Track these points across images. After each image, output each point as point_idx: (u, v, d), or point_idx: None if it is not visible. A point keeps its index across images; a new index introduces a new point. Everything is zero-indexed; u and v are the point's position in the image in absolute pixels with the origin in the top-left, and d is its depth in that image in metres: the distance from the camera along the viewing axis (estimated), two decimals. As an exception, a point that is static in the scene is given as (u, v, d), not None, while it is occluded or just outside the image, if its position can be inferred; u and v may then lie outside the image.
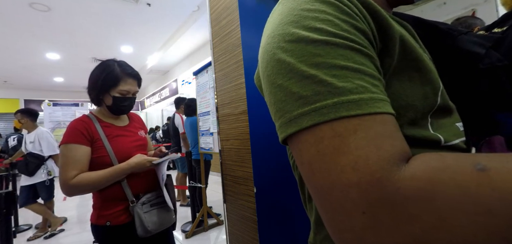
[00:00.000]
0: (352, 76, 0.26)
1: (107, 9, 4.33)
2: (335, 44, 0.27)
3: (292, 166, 0.47)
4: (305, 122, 0.26)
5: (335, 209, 0.25)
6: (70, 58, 6.65)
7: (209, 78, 2.45)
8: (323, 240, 0.40)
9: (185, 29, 5.37)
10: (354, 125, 0.25)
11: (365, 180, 0.23)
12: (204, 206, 2.91)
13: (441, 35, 0.44)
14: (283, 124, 0.29)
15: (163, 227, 1.12)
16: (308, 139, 0.27)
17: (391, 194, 0.22)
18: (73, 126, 1.03)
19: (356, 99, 0.25)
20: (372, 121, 0.25)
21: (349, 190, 0.24)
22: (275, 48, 0.30)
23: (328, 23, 0.28)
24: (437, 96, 0.35)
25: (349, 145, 0.24)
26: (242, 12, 1.29)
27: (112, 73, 1.08)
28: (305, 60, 0.28)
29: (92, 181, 0.99)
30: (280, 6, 0.34)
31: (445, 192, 0.20)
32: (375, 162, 0.23)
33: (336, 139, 0.25)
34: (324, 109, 0.26)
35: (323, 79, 0.26)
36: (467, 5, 2.44)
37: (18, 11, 4.14)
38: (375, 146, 0.24)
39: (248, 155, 1.31)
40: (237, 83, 1.36)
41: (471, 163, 0.21)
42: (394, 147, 0.24)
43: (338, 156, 0.24)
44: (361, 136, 0.24)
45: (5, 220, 2.06)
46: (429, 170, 0.22)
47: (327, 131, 0.25)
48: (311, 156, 0.26)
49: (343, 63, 0.27)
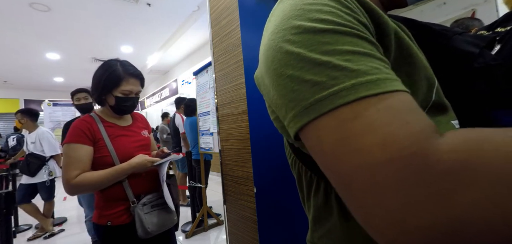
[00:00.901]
0: (365, 60, 0.26)
1: (107, 9, 4.33)
2: (342, 32, 0.28)
3: (291, 165, 0.47)
4: (324, 107, 0.25)
5: (366, 192, 0.23)
6: (70, 58, 6.65)
7: (209, 78, 2.45)
8: (321, 237, 0.41)
9: (185, 29, 5.37)
10: (376, 103, 0.24)
11: (397, 156, 0.22)
12: (204, 206, 2.91)
13: (435, 36, 0.44)
14: (298, 113, 0.28)
15: (164, 228, 1.12)
16: (328, 124, 0.25)
17: (428, 168, 0.21)
18: (76, 126, 1.04)
19: (374, 79, 0.25)
20: (393, 98, 0.24)
21: (381, 169, 0.22)
22: (281, 41, 0.30)
23: (333, 14, 0.29)
24: (432, 92, 0.36)
25: (374, 124, 0.23)
26: (242, 12, 1.29)
27: (114, 73, 1.08)
28: (315, 49, 0.27)
29: (93, 181, 0.99)
30: (280, 4, 0.35)
31: (490, 164, 0.19)
32: (406, 137, 0.22)
33: (359, 120, 0.24)
34: (343, 91, 0.25)
35: (337, 64, 0.26)
36: (467, 5, 2.44)
37: (18, 11, 4.14)
38: (402, 122, 0.23)
39: (248, 155, 1.31)
40: (237, 83, 1.36)
41: (502, 135, 0.20)
42: (422, 121, 0.23)
43: (364, 136, 0.23)
44: (385, 114, 0.23)
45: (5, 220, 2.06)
46: (468, 142, 0.21)
47: (349, 113, 0.24)
48: (334, 141, 0.25)
49: (354, 48, 0.27)
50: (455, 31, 0.43)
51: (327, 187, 0.38)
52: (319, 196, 0.40)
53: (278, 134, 0.42)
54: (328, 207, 0.39)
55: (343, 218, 0.37)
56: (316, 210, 0.41)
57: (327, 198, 0.39)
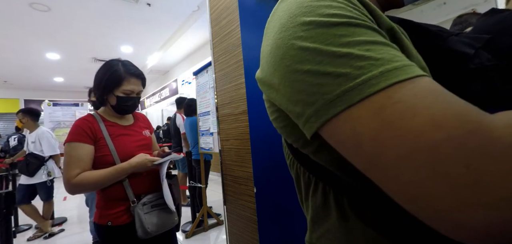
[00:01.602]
0: (386, 48, 0.26)
1: (107, 9, 4.33)
2: (356, 24, 0.27)
3: (289, 165, 0.47)
4: (354, 97, 0.24)
5: (423, 176, 0.21)
6: (70, 58, 6.65)
7: (209, 78, 2.45)
8: (319, 238, 0.41)
9: (185, 29, 5.37)
10: (410, 88, 0.23)
11: (455, 134, 0.20)
12: (204, 206, 2.91)
13: (431, 37, 0.44)
14: (321, 107, 0.26)
15: (164, 228, 1.12)
16: (363, 114, 0.24)
17: (493, 143, 0.20)
18: (77, 125, 1.05)
19: (400, 65, 0.24)
20: (424, 82, 0.24)
21: (439, 149, 0.20)
22: (293, 39, 0.29)
23: (343, 9, 0.28)
24: None
25: (416, 107, 0.22)
26: (242, 12, 1.29)
27: (115, 73, 1.08)
28: (332, 42, 0.26)
29: (94, 180, 1.00)
30: (283, 4, 0.34)
31: None
32: (456, 115, 0.21)
33: (399, 104, 0.23)
34: (372, 80, 0.24)
35: (360, 54, 0.25)
36: (467, 5, 2.44)
37: (18, 11, 4.14)
38: (445, 102, 0.22)
39: (248, 155, 1.31)
40: (237, 83, 1.36)
41: None
42: (463, 102, 0.23)
43: (410, 119, 0.22)
44: (423, 96, 0.22)
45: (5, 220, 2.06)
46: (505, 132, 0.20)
47: (385, 100, 0.23)
48: (373, 130, 0.23)
49: (371, 38, 0.26)
50: (450, 32, 0.44)
51: (326, 187, 0.38)
52: (317, 197, 0.40)
53: (278, 134, 0.42)
54: (326, 208, 0.39)
55: (341, 219, 0.36)
56: (314, 210, 0.41)
57: (326, 199, 0.39)
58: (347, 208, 0.36)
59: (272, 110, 0.40)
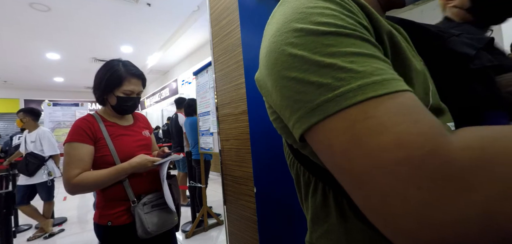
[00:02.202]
0: (369, 61, 0.26)
1: (107, 9, 4.33)
2: (345, 34, 0.28)
3: (289, 165, 0.47)
4: (331, 108, 0.25)
5: (383, 193, 0.22)
6: (70, 58, 6.65)
7: (209, 78, 2.45)
8: (319, 238, 0.41)
9: (185, 29, 5.37)
10: (384, 103, 0.24)
11: (415, 154, 0.21)
12: (204, 206, 2.91)
13: (432, 37, 0.44)
14: (304, 114, 0.28)
15: (164, 228, 1.12)
16: (337, 126, 0.25)
17: (447, 164, 0.21)
18: (77, 125, 1.04)
19: (380, 80, 0.25)
20: (400, 97, 0.24)
21: (398, 168, 0.22)
22: (284, 44, 0.30)
23: (335, 18, 0.29)
24: (429, 96, 0.36)
25: (385, 124, 0.23)
26: (242, 12, 1.29)
27: (116, 73, 1.08)
28: (319, 51, 0.27)
29: (94, 180, 1.00)
30: (281, 7, 0.34)
31: (505, 159, 0.20)
32: (419, 135, 0.22)
33: (369, 120, 0.24)
34: (350, 93, 0.25)
35: (342, 65, 0.26)
36: (467, 5, 2.43)
37: (18, 11, 4.14)
38: (412, 120, 0.23)
39: (248, 155, 1.31)
40: (237, 83, 1.36)
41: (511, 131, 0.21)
42: (431, 119, 0.24)
43: (377, 136, 0.23)
44: (394, 113, 0.23)
45: (5, 220, 2.06)
46: (480, 139, 0.22)
47: (358, 114, 0.24)
48: (344, 142, 0.25)
49: (357, 50, 0.27)
50: (451, 32, 0.44)
51: (325, 187, 0.38)
52: (317, 197, 0.40)
53: (278, 134, 0.42)
54: (326, 208, 0.39)
55: (341, 218, 0.37)
56: (314, 210, 0.41)
57: (325, 199, 0.39)
58: (347, 209, 0.36)
59: (271, 111, 0.40)
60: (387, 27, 0.33)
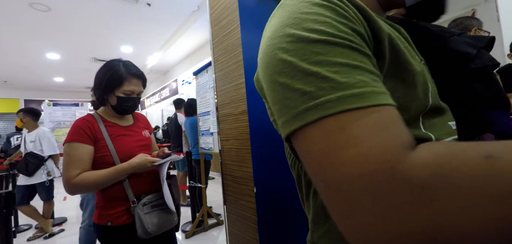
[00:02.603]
0: (353, 72, 0.27)
1: (107, 9, 4.33)
2: (334, 43, 0.28)
3: (290, 165, 0.47)
4: (311, 116, 0.27)
5: (346, 202, 0.24)
6: (70, 58, 6.65)
7: (209, 78, 2.45)
8: (320, 237, 0.41)
9: (185, 29, 5.37)
10: (359, 117, 0.25)
11: (375, 169, 0.23)
12: (204, 206, 2.91)
13: (433, 37, 0.45)
14: (288, 120, 0.29)
15: (164, 229, 1.12)
16: (314, 134, 0.27)
17: (403, 181, 0.22)
18: (76, 125, 1.04)
19: (359, 93, 0.26)
20: (376, 112, 0.25)
21: (360, 180, 0.23)
22: (276, 49, 0.31)
23: (327, 25, 0.29)
24: (428, 97, 0.36)
25: (356, 137, 0.24)
26: (242, 12, 1.29)
27: (116, 73, 1.08)
28: (306, 59, 0.28)
29: (93, 180, 0.99)
30: (279, 10, 0.35)
31: (458, 179, 0.20)
32: (384, 151, 0.23)
33: (342, 132, 0.25)
34: (329, 103, 0.26)
35: (326, 75, 0.27)
36: (467, 5, 2.44)
37: (18, 11, 4.14)
38: (381, 136, 0.24)
39: (248, 155, 1.31)
40: (237, 83, 1.36)
41: (478, 151, 0.21)
42: (400, 135, 0.25)
43: (346, 148, 0.25)
44: (366, 127, 0.25)
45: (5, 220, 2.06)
46: (439, 157, 0.22)
47: (333, 125, 0.26)
48: (318, 150, 0.26)
49: (344, 60, 0.28)
50: (452, 32, 0.44)
51: None
52: (318, 197, 0.40)
53: (278, 134, 0.42)
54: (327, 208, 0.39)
55: None
56: (315, 210, 0.41)
57: None
58: None
59: (270, 111, 0.40)
60: (387, 31, 0.34)
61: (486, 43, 0.42)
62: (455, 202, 0.20)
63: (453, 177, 0.21)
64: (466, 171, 0.21)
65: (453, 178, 0.21)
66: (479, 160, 0.20)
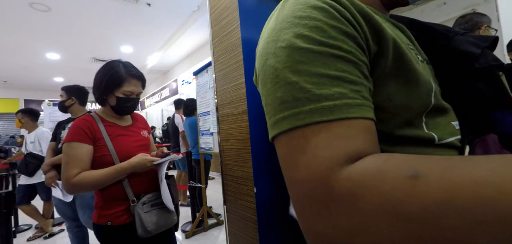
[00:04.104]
0: (331, 84, 0.28)
1: (107, 9, 4.33)
2: (318, 52, 0.29)
3: None
4: (284, 125, 0.29)
5: (295, 200, 0.29)
6: (70, 58, 6.64)
7: (209, 78, 2.45)
8: None
9: (185, 29, 5.37)
10: (321, 129, 0.27)
11: (312, 177, 0.26)
12: (204, 206, 2.91)
13: (437, 36, 0.44)
14: (270, 125, 0.32)
15: (164, 227, 1.12)
16: (284, 140, 0.30)
17: (327, 191, 0.25)
18: (76, 125, 1.04)
19: (330, 106, 0.27)
20: (339, 126, 0.27)
21: (302, 185, 0.27)
22: (268, 53, 0.33)
23: (317, 31, 0.30)
24: (431, 97, 0.37)
25: (309, 146, 0.27)
26: (242, 12, 1.29)
27: (116, 73, 1.08)
28: (289, 67, 0.30)
29: (93, 180, 0.99)
30: (277, 12, 0.36)
31: (370, 196, 0.22)
32: (323, 162, 0.26)
33: (302, 141, 0.28)
34: (301, 114, 0.28)
35: (303, 86, 0.28)
36: (467, 5, 2.44)
37: (18, 11, 4.14)
38: (328, 147, 0.26)
39: (248, 155, 1.31)
40: (237, 83, 1.36)
41: (407, 168, 0.22)
42: (345, 148, 0.26)
43: (300, 155, 0.27)
44: (322, 138, 0.27)
45: (5, 220, 2.06)
46: (365, 172, 0.24)
47: (298, 134, 0.28)
48: (283, 155, 0.30)
49: (324, 71, 0.28)
50: (456, 31, 0.43)
51: None
52: None
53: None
54: None
55: None
56: None
57: None
58: None
59: None
60: (391, 35, 0.34)
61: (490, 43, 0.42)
62: (364, 218, 0.22)
63: (365, 194, 0.22)
64: (379, 190, 0.22)
65: (366, 196, 0.22)
66: (401, 180, 0.21)
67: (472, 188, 0.18)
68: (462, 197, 0.18)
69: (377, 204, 0.21)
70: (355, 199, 0.23)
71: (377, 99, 0.33)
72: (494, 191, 0.17)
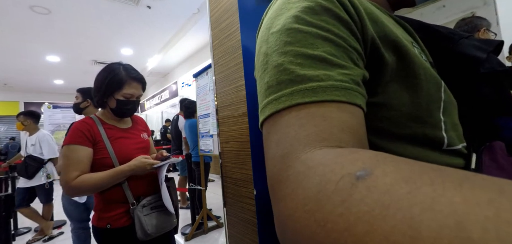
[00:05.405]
0: (316, 65, 0.27)
1: (107, 12, 4.34)
2: (307, 32, 0.28)
3: None
4: (267, 111, 0.28)
5: (268, 178, 0.28)
6: (70, 61, 6.66)
7: (209, 80, 2.45)
8: None
9: (185, 31, 5.38)
10: (299, 110, 0.26)
11: (275, 154, 0.26)
12: (204, 209, 2.90)
13: (442, 39, 0.44)
14: (260, 111, 0.31)
15: (163, 230, 1.12)
16: (265, 127, 0.29)
17: (284, 169, 0.24)
18: (75, 128, 1.04)
19: (314, 87, 0.26)
20: (320, 106, 0.26)
21: (269, 163, 0.27)
22: (262, 41, 0.33)
23: (308, 11, 0.29)
24: (440, 92, 0.35)
25: (281, 126, 0.26)
26: (242, 14, 1.29)
27: (117, 76, 1.08)
28: (277, 49, 0.29)
29: (93, 182, 0.99)
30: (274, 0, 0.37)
31: (301, 189, 0.21)
32: (289, 140, 0.25)
33: (280, 128, 0.27)
34: (283, 97, 0.27)
35: (287, 67, 0.27)
36: (467, 8, 2.45)
37: (18, 14, 4.15)
38: (300, 128, 0.25)
39: (248, 157, 1.31)
40: (237, 85, 1.36)
41: (351, 168, 0.19)
42: (318, 129, 0.24)
43: (272, 135, 0.27)
44: (297, 118, 0.25)
45: (5, 223, 2.05)
46: (319, 161, 0.21)
47: (277, 118, 0.27)
48: (264, 141, 0.30)
49: (311, 51, 0.28)
50: (461, 34, 0.43)
51: None
52: None
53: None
54: None
55: None
56: None
57: None
58: None
59: None
60: (394, 33, 0.33)
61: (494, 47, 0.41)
62: (288, 206, 0.21)
63: (303, 184, 0.21)
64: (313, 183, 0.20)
65: (300, 186, 0.21)
66: (345, 179, 0.18)
67: None
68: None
69: (302, 199, 0.20)
70: (296, 186, 0.21)
71: (381, 96, 0.32)
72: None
